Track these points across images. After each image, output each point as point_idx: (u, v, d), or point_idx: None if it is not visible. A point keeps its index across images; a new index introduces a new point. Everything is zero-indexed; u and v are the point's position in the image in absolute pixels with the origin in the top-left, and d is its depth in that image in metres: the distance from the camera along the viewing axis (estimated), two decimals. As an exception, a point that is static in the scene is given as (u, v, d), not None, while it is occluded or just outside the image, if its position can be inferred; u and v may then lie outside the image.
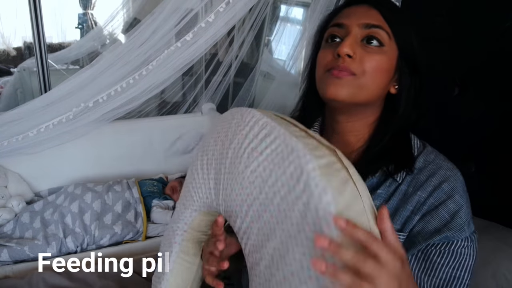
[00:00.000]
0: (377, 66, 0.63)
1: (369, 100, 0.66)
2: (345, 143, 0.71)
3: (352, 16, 0.66)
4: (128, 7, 2.23)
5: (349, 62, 0.63)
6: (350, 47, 0.63)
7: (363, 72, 0.63)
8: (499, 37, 1.03)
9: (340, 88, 0.63)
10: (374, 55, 0.63)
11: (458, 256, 0.61)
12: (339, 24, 0.66)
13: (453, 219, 0.61)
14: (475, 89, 1.10)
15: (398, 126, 0.68)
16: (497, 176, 1.04)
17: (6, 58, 2.77)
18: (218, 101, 2.08)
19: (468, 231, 0.62)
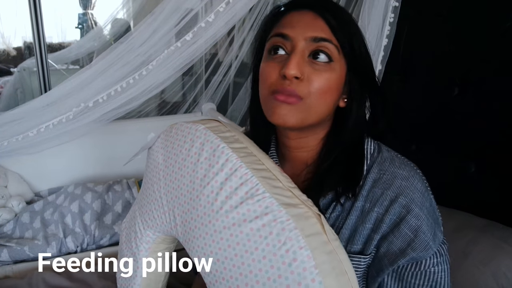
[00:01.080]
0: (325, 85, 0.59)
1: (320, 120, 0.63)
2: (297, 158, 0.68)
3: (297, 26, 0.60)
4: (128, 7, 2.23)
5: (296, 84, 0.58)
6: (297, 68, 0.57)
7: (309, 94, 0.58)
8: (499, 37, 1.03)
9: (287, 116, 0.59)
10: (322, 73, 0.59)
11: (432, 275, 0.58)
12: (283, 35, 0.60)
13: (416, 236, 0.57)
14: (475, 89, 1.10)
15: (348, 139, 0.64)
16: (497, 176, 1.04)
17: (6, 58, 2.77)
18: (218, 101, 2.08)
19: (434, 246, 0.58)
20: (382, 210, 0.59)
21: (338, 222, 0.62)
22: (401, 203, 0.58)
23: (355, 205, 0.61)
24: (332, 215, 0.62)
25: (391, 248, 0.58)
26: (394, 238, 0.58)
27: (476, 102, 1.09)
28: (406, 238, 0.57)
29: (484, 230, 0.97)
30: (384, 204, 0.59)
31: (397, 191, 0.59)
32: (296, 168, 0.68)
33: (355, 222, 0.61)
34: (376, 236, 0.59)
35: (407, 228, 0.57)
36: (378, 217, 0.59)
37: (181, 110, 2.08)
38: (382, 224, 0.59)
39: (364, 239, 0.60)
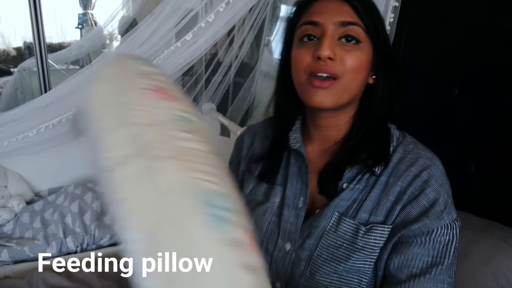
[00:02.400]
0: (357, 64, 0.64)
1: (352, 98, 0.67)
2: (326, 137, 0.73)
3: (325, 13, 0.64)
4: (128, 7, 2.23)
5: (330, 64, 0.63)
6: (330, 49, 0.62)
7: (344, 72, 0.63)
8: (499, 37, 1.04)
9: (324, 98, 0.64)
10: (353, 53, 0.64)
11: (437, 244, 0.61)
12: (313, 22, 0.65)
13: (432, 207, 0.62)
14: (475, 89, 1.10)
15: (376, 115, 0.69)
16: (497, 176, 1.04)
17: (6, 58, 2.77)
18: (218, 101, 2.07)
19: (447, 219, 0.62)
20: (405, 184, 0.64)
21: (361, 195, 0.67)
22: (423, 178, 0.63)
23: (379, 180, 0.66)
24: (356, 186, 0.67)
25: (407, 217, 0.63)
26: (412, 208, 0.63)
27: (476, 102, 1.09)
28: (422, 208, 0.62)
29: (483, 230, 0.97)
30: (408, 179, 0.64)
31: (421, 168, 0.64)
32: (324, 145, 0.73)
33: (379, 195, 0.66)
34: (397, 207, 0.64)
35: (425, 200, 0.62)
36: (401, 190, 0.64)
37: (181, 110, 2.08)
38: (403, 196, 0.63)
39: (386, 211, 0.65)
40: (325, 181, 0.70)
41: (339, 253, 0.65)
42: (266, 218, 0.73)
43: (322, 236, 0.67)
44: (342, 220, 0.66)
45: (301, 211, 0.70)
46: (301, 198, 0.71)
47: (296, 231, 0.70)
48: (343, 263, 0.64)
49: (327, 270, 0.66)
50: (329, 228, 0.67)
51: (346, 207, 0.67)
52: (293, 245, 0.69)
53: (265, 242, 0.73)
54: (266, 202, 0.74)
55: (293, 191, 0.72)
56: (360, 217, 0.66)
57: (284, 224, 0.71)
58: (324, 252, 0.67)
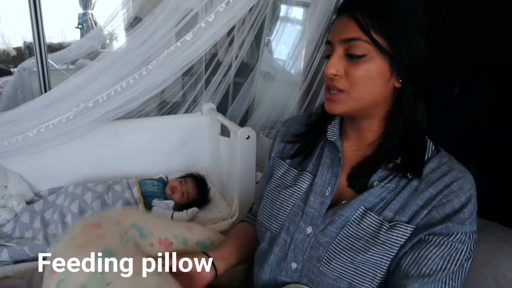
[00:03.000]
0: (363, 76, 0.67)
1: (371, 104, 0.71)
2: (361, 137, 0.77)
3: (334, 32, 0.70)
4: (128, 7, 2.23)
5: (336, 80, 0.69)
6: (332, 67, 0.69)
7: (350, 86, 0.68)
8: (499, 37, 1.03)
9: (334, 107, 0.71)
10: (358, 66, 0.67)
11: (453, 249, 0.64)
12: (328, 42, 0.72)
13: (456, 214, 0.65)
14: (475, 89, 1.10)
15: (408, 118, 0.71)
16: (497, 176, 1.04)
17: (6, 58, 2.77)
18: (218, 101, 2.07)
19: (469, 227, 0.65)
20: (435, 192, 0.67)
21: (390, 194, 0.70)
22: (453, 189, 0.66)
23: (411, 184, 0.69)
24: (387, 185, 0.70)
25: (431, 221, 0.66)
26: (437, 213, 0.66)
27: (476, 102, 1.09)
28: (446, 214, 0.66)
29: (483, 230, 0.97)
30: (439, 188, 0.67)
31: (453, 179, 0.67)
32: (359, 144, 0.78)
33: (407, 197, 0.69)
34: (423, 211, 0.67)
35: (450, 208, 0.66)
36: (430, 196, 0.67)
37: (181, 110, 2.08)
38: (432, 202, 0.67)
39: (412, 213, 0.68)
40: (357, 175, 0.75)
41: (359, 244, 0.68)
42: (292, 201, 0.79)
43: (345, 225, 0.71)
44: (367, 214, 0.70)
45: (327, 199, 0.75)
46: (328, 187, 0.76)
47: (319, 216, 0.74)
48: (361, 254, 0.67)
49: (344, 258, 0.69)
50: (353, 219, 0.70)
51: (373, 203, 0.70)
52: (314, 230, 0.74)
53: (287, 223, 0.78)
54: (294, 187, 0.80)
55: (322, 180, 0.77)
56: (385, 215, 0.69)
57: (308, 209, 0.76)
58: (344, 240, 0.70)
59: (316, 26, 1.76)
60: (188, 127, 1.99)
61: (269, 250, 0.79)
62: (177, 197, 1.67)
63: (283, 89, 2.12)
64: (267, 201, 0.85)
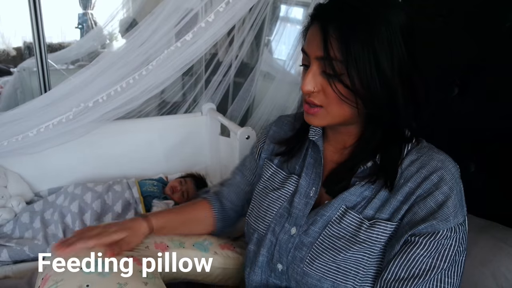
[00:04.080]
0: (339, 94, 0.64)
1: (350, 118, 0.68)
2: (340, 139, 0.77)
3: (310, 44, 0.66)
4: (128, 7, 2.23)
5: (313, 96, 0.67)
6: (309, 84, 0.65)
7: (328, 103, 0.66)
8: (499, 37, 1.03)
9: (314, 120, 0.69)
10: (333, 84, 0.64)
11: (440, 246, 0.63)
12: (304, 51, 0.68)
13: (439, 209, 0.63)
14: (475, 89, 1.10)
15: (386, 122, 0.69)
16: (497, 176, 1.04)
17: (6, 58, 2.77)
18: (218, 101, 2.07)
19: (453, 222, 0.63)
20: (414, 185, 0.66)
21: (371, 193, 0.69)
22: (433, 181, 0.64)
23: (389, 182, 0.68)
24: (367, 184, 0.69)
25: (414, 218, 0.65)
26: (419, 209, 0.65)
27: (476, 102, 1.09)
28: (430, 210, 0.64)
29: (483, 230, 0.97)
30: (417, 181, 0.66)
31: (431, 170, 0.65)
32: (339, 146, 0.78)
33: (387, 194, 0.68)
34: (404, 207, 0.66)
35: (433, 202, 0.64)
36: (410, 191, 0.66)
37: (181, 110, 2.08)
38: (412, 197, 0.65)
39: (393, 209, 0.67)
40: (333, 181, 0.74)
41: (340, 243, 0.68)
42: (279, 203, 0.79)
43: (326, 225, 0.71)
44: (348, 213, 0.69)
45: (311, 199, 0.75)
46: (313, 188, 0.76)
47: (302, 217, 0.74)
48: (343, 253, 0.67)
49: (326, 258, 0.69)
50: (334, 219, 0.70)
51: (355, 202, 0.70)
52: (298, 230, 0.74)
53: (273, 224, 0.78)
54: (281, 189, 0.80)
55: (307, 181, 0.77)
56: (366, 213, 0.68)
57: (293, 210, 0.76)
58: (326, 240, 0.70)
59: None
60: (188, 127, 1.99)
61: (257, 251, 0.80)
62: (177, 197, 1.67)
63: (283, 89, 2.12)
64: (255, 203, 0.85)
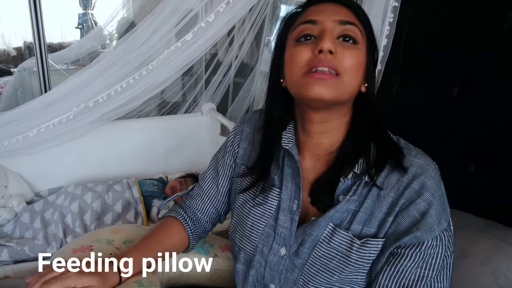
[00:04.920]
0: (356, 63, 0.62)
1: (349, 99, 0.66)
2: (318, 145, 0.70)
3: (323, 11, 0.64)
4: (128, 7, 2.24)
5: (331, 58, 0.60)
6: (331, 43, 0.60)
7: (345, 70, 0.61)
8: (499, 37, 1.04)
9: (325, 90, 0.60)
10: (352, 51, 0.62)
11: (426, 257, 0.61)
12: (311, 21, 0.63)
13: (423, 218, 0.61)
14: (475, 89, 1.10)
15: (369, 124, 0.68)
16: (497, 176, 1.04)
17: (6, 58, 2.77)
18: (218, 101, 2.08)
19: (438, 230, 0.61)
20: (396, 196, 0.63)
21: (355, 206, 0.66)
22: (414, 188, 0.62)
23: (372, 190, 0.65)
24: (352, 198, 0.66)
25: (398, 229, 0.63)
26: (402, 219, 0.62)
27: (476, 102, 1.09)
28: (413, 219, 0.61)
29: (483, 230, 0.97)
30: (400, 190, 0.63)
31: (411, 178, 0.63)
32: (317, 153, 0.71)
33: (372, 206, 0.65)
34: (389, 219, 0.63)
35: (415, 211, 0.62)
36: (393, 201, 0.63)
37: (181, 110, 2.08)
38: (395, 208, 0.63)
39: (379, 222, 0.64)
40: (318, 193, 0.69)
41: (332, 264, 0.65)
42: (264, 220, 0.73)
43: (315, 246, 0.67)
44: (336, 232, 0.66)
45: (295, 215, 0.70)
46: (295, 201, 0.70)
47: (290, 236, 0.70)
48: (337, 275, 0.65)
49: (320, 280, 0.66)
50: (322, 238, 0.66)
51: (341, 219, 0.66)
52: (288, 251, 0.70)
53: (261, 244, 0.73)
54: (264, 204, 0.74)
55: (288, 194, 0.71)
56: (354, 229, 0.65)
57: (279, 229, 0.71)
58: (317, 262, 0.67)
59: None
60: (188, 127, 1.99)
61: (246, 272, 0.76)
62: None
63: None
64: (238, 219, 0.78)
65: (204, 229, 0.89)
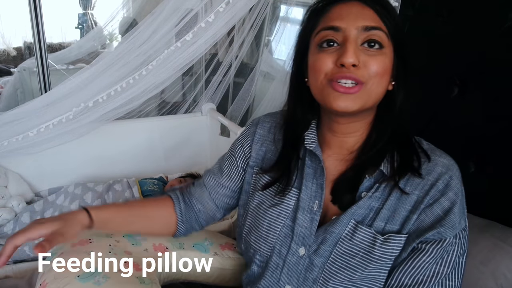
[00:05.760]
0: (382, 69, 0.62)
1: (375, 103, 0.66)
2: (343, 143, 0.71)
3: (347, 17, 0.62)
4: (128, 7, 2.24)
5: (354, 71, 0.60)
6: (354, 56, 0.60)
7: (370, 78, 0.61)
8: (499, 37, 1.04)
9: (350, 103, 0.61)
10: (377, 57, 0.61)
11: (444, 253, 0.62)
12: (333, 28, 0.62)
13: (446, 215, 0.62)
14: (474, 89, 1.10)
15: (395, 123, 0.68)
16: (497, 176, 1.04)
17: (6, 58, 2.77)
18: (218, 101, 2.08)
19: (458, 228, 0.63)
20: (422, 194, 0.64)
21: (378, 203, 0.66)
22: (439, 187, 0.63)
23: (395, 189, 0.65)
24: (374, 194, 0.66)
25: (421, 225, 0.63)
26: (426, 217, 0.63)
27: (476, 102, 1.09)
28: (437, 217, 0.63)
29: (483, 230, 0.97)
30: (425, 188, 0.64)
31: (437, 176, 0.64)
32: (341, 152, 0.72)
33: (395, 203, 0.65)
34: (413, 216, 0.64)
35: (439, 209, 0.63)
36: (418, 199, 0.64)
37: (181, 110, 2.08)
38: (420, 205, 0.64)
39: (402, 219, 0.65)
40: (340, 191, 0.69)
41: (355, 261, 0.65)
42: (280, 221, 0.72)
43: (337, 243, 0.66)
44: (359, 228, 0.65)
45: (316, 215, 0.69)
46: (315, 201, 0.70)
47: (310, 236, 0.69)
48: (359, 272, 0.64)
49: (341, 278, 0.66)
50: (344, 235, 0.66)
51: (363, 216, 0.66)
52: (307, 250, 0.69)
53: (278, 245, 0.72)
54: (281, 204, 0.73)
55: (308, 194, 0.71)
56: (376, 226, 0.65)
57: (298, 228, 0.70)
58: (338, 259, 0.66)
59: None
60: (188, 127, 1.99)
61: (261, 274, 0.75)
62: (177, 197, 1.67)
63: (283, 89, 2.12)
64: (253, 221, 0.77)
65: (196, 218, 0.86)
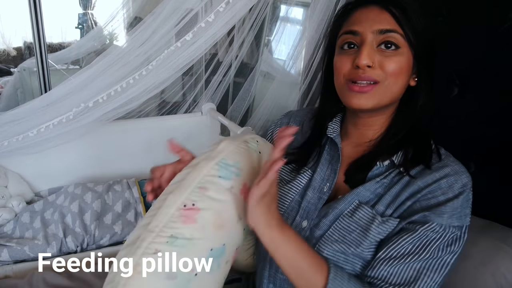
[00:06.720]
0: (397, 68, 0.66)
1: (392, 100, 0.70)
2: (362, 135, 0.76)
3: (365, 21, 0.68)
4: (128, 7, 2.23)
5: (369, 71, 0.66)
6: (368, 58, 0.66)
7: (385, 77, 0.66)
8: (499, 37, 1.03)
9: (364, 101, 0.68)
10: (392, 58, 0.66)
11: (423, 236, 0.64)
12: (352, 32, 0.69)
13: (438, 207, 0.64)
14: (474, 89, 1.10)
15: (415, 117, 0.71)
16: (497, 176, 1.04)
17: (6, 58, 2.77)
18: (218, 101, 2.08)
19: (447, 220, 0.64)
20: (423, 185, 0.67)
21: (383, 190, 0.70)
22: (441, 186, 0.66)
23: (403, 178, 0.68)
24: (382, 180, 0.70)
25: (411, 209, 0.66)
26: (419, 203, 0.66)
27: (476, 102, 1.09)
28: (427, 206, 0.65)
29: (483, 231, 0.97)
30: (428, 182, 0.67)
31: (443, 175, 0.66)
32: (358, 142, 0.77)
33: (398, 191, 0.68)
34: (407, 203, 0.67)
35: (433, 202, 0.65)
36: (418, 189, 0.67)
37: (181, 110, 2.08)
38: (417, 195, 0.66)
39: (398, 204, 0.68)
40: (353, 170, 0.74)
41: (351, 237, 0.68)
42: (290, 195, 0.78)
43: (337, 218, 0.70)
44: (360, 207, 0.69)
45: (325, 195, 0.74)
46: (327, 184, 0.75)
47: (315, 210, 0.74)
48: (353, 248, 0.67)
49: (335, 249, 0.68)
50: (346, 212, 0.70)
51: (367, 198, 0.70)
52: (309, 223, 0.73)
53: (284, 217, 0.76)
54: (293, 181, 0.79)
55: (321, 176, 0.76)
56: (377, 209, 0.69)
57: (305, 204, 0.75)
58: (336, 233, 0.70)
59: (316, 26, 1.76)
60: (188, 127, 1.99)
61: None
62: (177, 197, 1.67)
63: (283, 89, 2.12)
64: None
65: None
